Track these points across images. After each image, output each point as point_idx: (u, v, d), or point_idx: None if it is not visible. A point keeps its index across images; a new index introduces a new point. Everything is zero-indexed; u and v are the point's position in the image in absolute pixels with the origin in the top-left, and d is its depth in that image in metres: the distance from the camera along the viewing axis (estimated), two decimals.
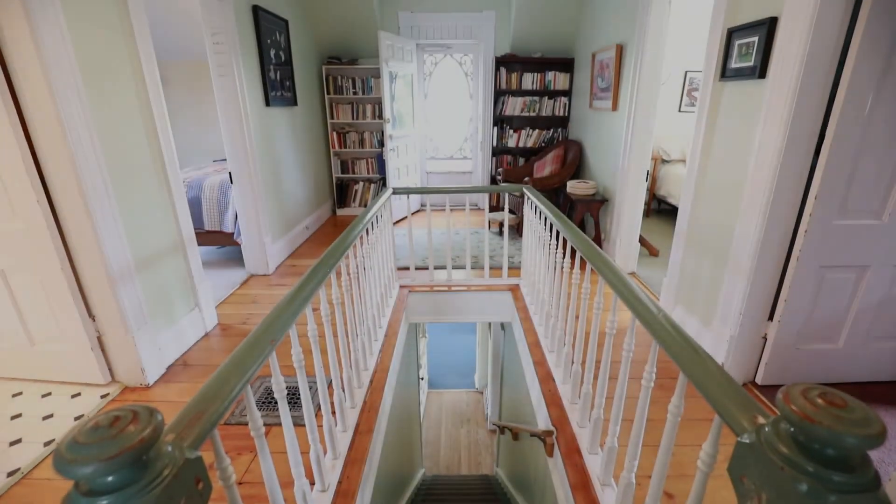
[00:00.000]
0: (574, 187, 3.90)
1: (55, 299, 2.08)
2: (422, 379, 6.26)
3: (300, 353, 1.26)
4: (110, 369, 2.24)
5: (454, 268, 3.72)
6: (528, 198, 2.81)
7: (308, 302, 1.28)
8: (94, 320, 2.15)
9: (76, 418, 2.00)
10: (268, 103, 3.70)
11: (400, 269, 3.61)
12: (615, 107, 3.67)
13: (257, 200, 3.51)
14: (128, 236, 2.16)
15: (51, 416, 2.02)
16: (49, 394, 2.17)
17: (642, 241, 3.99)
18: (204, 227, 3.82)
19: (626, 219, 3.50)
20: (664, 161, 5.30)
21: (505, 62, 5.06)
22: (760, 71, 1.96)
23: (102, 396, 2.14)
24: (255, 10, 3.45)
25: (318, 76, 5.10)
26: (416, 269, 3.66)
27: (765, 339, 2.15)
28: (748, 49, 2.04)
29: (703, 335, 2.39)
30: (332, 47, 5.14)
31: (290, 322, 1.14)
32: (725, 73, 2.21)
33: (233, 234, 3.75)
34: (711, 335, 2.30)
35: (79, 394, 2.16)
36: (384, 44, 4.47)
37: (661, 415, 1.98)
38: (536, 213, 2.70)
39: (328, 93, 5.18)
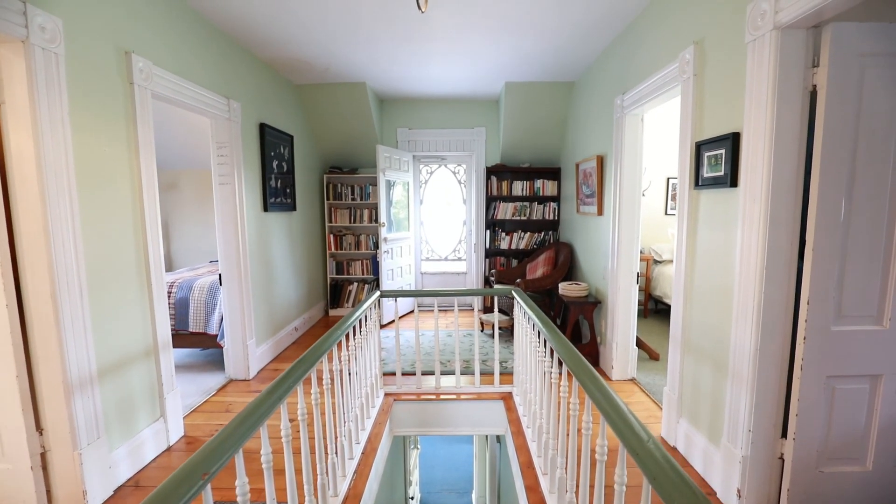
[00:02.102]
0: (566, 289, 3.87)
1: (2, 411, 1.92)
2: (412, 499, 5.60)
3: (246, 485, 1.10)
4: (48, 492, 1.99)
5: (443, 373, 3.53)
6: (518, 301, 2.76)
7: (263, 422, 1.15)
8: (41, 434, 1.96)
9: None
10: (266, 209, 3.84)
11: (386, 374, 3.43)
12: (601, 212, 3.79)
13: (245, 302, 3.46)
14: (96, 343, 2.07)
15: None
16: None
17: (641, 344, 3.84)
18: (188, 328, 3.72)
19: (621, 321, 3.40)
20: (656, 261, 5.36)
21: (496, 171, 5.39)
22: (731, 180, 2.03)
23: None
24: (262, 127, 3.75)
25: (319, 183, 5.39)
26: (404, 374, 3.48)
27: (782, 459, 1.93)
28: (717, 160, 2.14)
29: (712, 456, 2.15)
30: (334, 158, 5.51)
31: (234, 448, 1.00)
32: (699, 182, 2.30)
33: (216, 336, 3.63)
34: (721, 455, 2.07)
35: None
36: (382, 156, 4.80)
37: None
38: (525, 316, 2.62)
39: (328, 199, 5.44)
